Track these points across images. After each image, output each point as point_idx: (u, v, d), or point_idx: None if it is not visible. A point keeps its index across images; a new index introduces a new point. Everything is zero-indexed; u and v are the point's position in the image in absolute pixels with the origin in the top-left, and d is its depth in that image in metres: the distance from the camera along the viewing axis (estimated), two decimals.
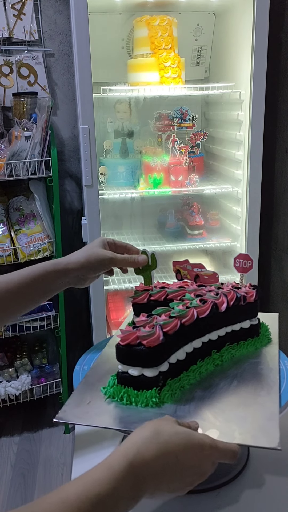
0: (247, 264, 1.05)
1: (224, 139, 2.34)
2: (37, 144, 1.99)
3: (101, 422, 0.78)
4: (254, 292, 1.00)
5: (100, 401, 0.83)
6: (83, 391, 0.87)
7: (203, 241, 2.29)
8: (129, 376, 0.82)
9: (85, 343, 2.58)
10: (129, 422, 0.77)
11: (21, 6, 2.19)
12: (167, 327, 0.83)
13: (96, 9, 2.11)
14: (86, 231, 2.05)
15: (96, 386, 0.87)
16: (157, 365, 0.81)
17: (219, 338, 0.95)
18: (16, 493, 2.06)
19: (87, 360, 1.01)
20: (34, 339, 2.48)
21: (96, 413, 0.80)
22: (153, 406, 0.80)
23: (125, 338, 0.81)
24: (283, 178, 2.23)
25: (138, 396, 0.81)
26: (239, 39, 2.07)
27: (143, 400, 0.80)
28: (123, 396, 0.82)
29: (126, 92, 2.06)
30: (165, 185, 2.15)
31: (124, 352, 0.82)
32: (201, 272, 1.12)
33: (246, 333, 1.00)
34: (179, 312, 0.87)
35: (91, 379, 0.90)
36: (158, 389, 0.81)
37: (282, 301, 2.29)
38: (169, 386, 0.83)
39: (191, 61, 2.41)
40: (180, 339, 0.86)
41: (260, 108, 2.01)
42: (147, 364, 0.81)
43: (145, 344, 0.79)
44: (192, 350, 0.89)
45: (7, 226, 2.13)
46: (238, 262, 1.06)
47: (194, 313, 0.88)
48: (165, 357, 0.83)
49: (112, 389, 0.84)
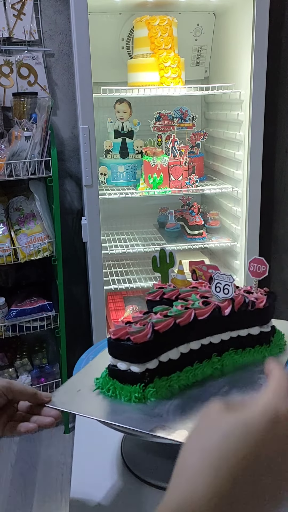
0: (261, 268, 1.02)
1: (224, 139, 2.34)
2: (37, 144, 1.99)
3: (81, 410, 0.80)
4: (265, 298, 0.96)
5: (89, 391, 0.85)
6: (78, 380, 0.89)
7: (203, 241, 2.29)
8: (117, 369, 0.84)
9: (85, 343, 2.58)
10: (109, 413, 0.79)
11: (21, 6, 2.19)
12: (159, 325, 0.83)
13: (96, 9, 2.11)
14: (86, 231, 2.05)
15: (91, 376, 0.89)
16: (143, 361, 0.82)
17: (222, 342, 0.93)
18: (16, 493, 2.06)
19: (87, 360, 1.01)
20: (34, 339, 2.48)
21: (81, 401, 0.82)
22: (135, 401, 0.81)
23: (116, 332, 0.83)
24: (283, 178, 2.23)
25: (123, 389, 0.83)
26: (239, 39, 2.07)
27: (126, 394, 0.82)
28: (109, 388, 0.84)
29: (126, 92, 2.06)
30: (165, 185, 2.15)
31: (113, 346, 0.84)
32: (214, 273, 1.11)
33: (255, 340, 0.97)
34: (176, 312, 0.87)
35: (91, 369, 0.92)
36: (143, 385, 0.82)
37: (282, 301, 2.29)
38: (155, 384, 0.83)
39: (191, 61, 2.41)
40: (174, 339, 0.86)
41: (260, 108, 2.01)
42: (134, 359, 0.82)
43: (132, 340, 0.81)
44: (189, 351, 0.88)
45: (7, 226, 2.13)
46: (253, 266, 1.03)
47: (192, 314, 0.88)
48: (154, 354, 0.83)
49: (101, 380, 0.86)
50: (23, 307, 2.16)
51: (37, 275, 2.46)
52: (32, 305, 2.18)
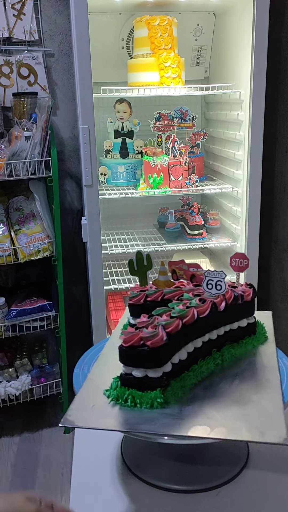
0: (243, 263, 1.06)
1: (224, 139, 2.34)
2: (37, 144, 1.99)
3: (107, 425, 0.78)
4: (251, 290, 1.01)
5: (103, 404, 0.83)
6: (86, 395, 0.86)
7: (203, 241, 2.29)
8: (132, 377, 0.82)
9: (85, 343, 2.58)
10: (134, 424, 0.77)
11: (21, 6, 2.19)
12: (169, 327, 0.83)
13: (96, 9, 2.11)
14: (86, 231, 2.05)
15: (98, 389, 0.87)
16: (161, 365, 0.81)
17: (218, 337, 0.95)
18: None
19: (87, 361, 1.01)
20: (34, 339, 2.48)
21: (100, 416, 0.80)
22: (158, 407, 0.79)
23: (128, 340, 0.81)
24: (283, 178, 2.23)
25: (142, 397, 0.81)
26: (239, 39, 2.07)
27: (147, 401, 0.80)
28: (127, 398, 0.81)
29: (126, 92, 2.06)
30: (165, 185, 2.15)
31: (127, 354, 0.82)
32: (197, 272, 1.13)
33: (244, 332, 1.01)
34: (180, 312, 0.87)
35: (92, 383, 0.90)
36: (162, 389, 0.81)
37: (282, 301, 2.29)
38: (172, 386, 0.83)
39: (191, 61, 2.41)
40: (182, 339, 0.86)
41: (260, 108, 2.01)
42: (151, 365, 0.81)
43: (149, 345, 0.79)
44: (193, 349, 0.89)
45: (7, 226, 2.13)
46: (235, 261, 1.07)
47: (195, 313, 0.88)
48: (169, 357, 0.83)
49: (116, 392, 0.83)
50: (23, 307, 2.16)
51: (37, 275, 2.46)
52: (32, 305, 2.18)
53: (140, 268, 1.06)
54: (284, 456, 0.95)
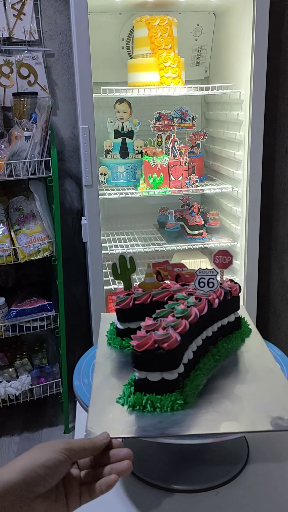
0: (226, 259, 1.09)
1: (224, 139, 2.34)
2: (37, 144, 1.99)
3: (135, 432, 0.76)
4: (237, 286, 1.05)
5: (121, 412, 0.81)
6: (99, 405, 0.84)
7: (203, 241, 2.29)
8: (148, 382, 0.81)
9: (85, 343, 2.58)
10: (164, 428, 0.76)
11: (21, 6, 2.19)
12: (179, 327, 0.83)
13: (96, 9, 2.11)
14: (86, 231, 2.05)
15: (109, 398, 0.85)
16: (177, 367, 0.81)
17: (213, 333, 0.98)
18: None
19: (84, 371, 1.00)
20: (34, 339, 2.48)
21: (123, 424, 0.78)
22: (179, 409, 0.79)
23: (142, 344, 0.79)
24: (283, 178, 2.23)
25: (162, 401, 0.80)
26: (239, 39, 2.07)
27: (168, 404, 0.79)
28: (146, 404, 0.80)
29: (126, 92, 2.06)
30: (165, 185, 2.15)
31: (143, 359, 0.80)
32: (182, 271, 1.14)
33: (232, 326, 1.04)
34: (183, 312, 0.87)
35: (101, 391, 0.88)
36: (180, 391, 0.81)
37: (282, 301, 2.29)
38: (188, 387, 0.83)
39: (191, 61, 2.41)
40: (189, 339, 0.87)
41: (260, 108, 2.01)
42: (168, 367, 0.80)
43: (165, 347, 0.78)
44: (196, 348, 0.90)
45: (7, 226, 2.13)
46: (218, 258, 1.10)
47: (197, 312, 0.89)
48: (182, 358, 0.83)
49: (132, 398, 0.81)
50: (23, 307, 2.16)
51: (37, 275, 2.46)
52: (32, 305, 2.18)
53: (124, 271, 1.05)
54: (283, 457, 0.95)
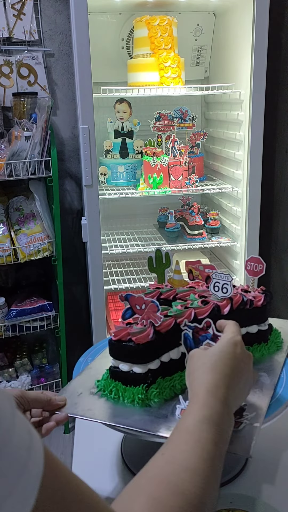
0: (258, 267, 1.03)
1: (224, 139, 2.34)
2: (37, 144, 1.99)
3: (85, 414, 0.80)
4: (263, 296, 0.97)
5: (91, 394, 0.85)
6: (80, 382, 0.89)
7: (203, 241, 2.29)
8: (119, 371, 0.84)
9: (85, 343, 2.58)
10: (113, 416, 0.79)
11: (21, 6, 2.19)
12: (160, 325, 0.83)
13: (96, 9, 2.11)
14: (86, 231, 2.05)
15: (93, 379, 0.89)
16: (146, 362, 0.82)
17: None
18: None
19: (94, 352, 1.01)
20: (34, 339, 2.48)
21: (84, 404, 0.82)
22: (138, 403, 0.80)
23: (117, 334, 0.83)
24: (283, 178, 2.23)
25: (126, 391, 0.82)
26: (239, 39, 2.07)
27: (129, 396, 0.81)
28: (112, 390, 0.83)
29: (126, 92, 2.06)
30: (165, 185, 2.15)
31: (115, 347, 0.84)
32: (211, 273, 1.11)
33: (254, 338, 0.98)
34: (176, 312, 0.87)
35: (91, 371, 0.92)
36: (146, 386, 0.82)
37: (282, 301, 2.29)
38: (158, 384, 0.83)
39: (191, 61, 2.41)
40: (175, 339, 0.86)
41: (260, 108, 2.01)
42: (136, 360, 0.82)
43: (134, 340, 0.81)
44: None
45: (7, 226, 2.13)
46: (250, 265, 1.04)
47: (192, 314, 0.88)
48: (156, 355, 0.83)
49: (102, 383, 0.86)
50: (23, 307, 2.16)
51: (37, 275, 2.46)
52: (32, 305, 2.18)
53: (158, 265, 1.07)
54: (283, 457, 0.95)
